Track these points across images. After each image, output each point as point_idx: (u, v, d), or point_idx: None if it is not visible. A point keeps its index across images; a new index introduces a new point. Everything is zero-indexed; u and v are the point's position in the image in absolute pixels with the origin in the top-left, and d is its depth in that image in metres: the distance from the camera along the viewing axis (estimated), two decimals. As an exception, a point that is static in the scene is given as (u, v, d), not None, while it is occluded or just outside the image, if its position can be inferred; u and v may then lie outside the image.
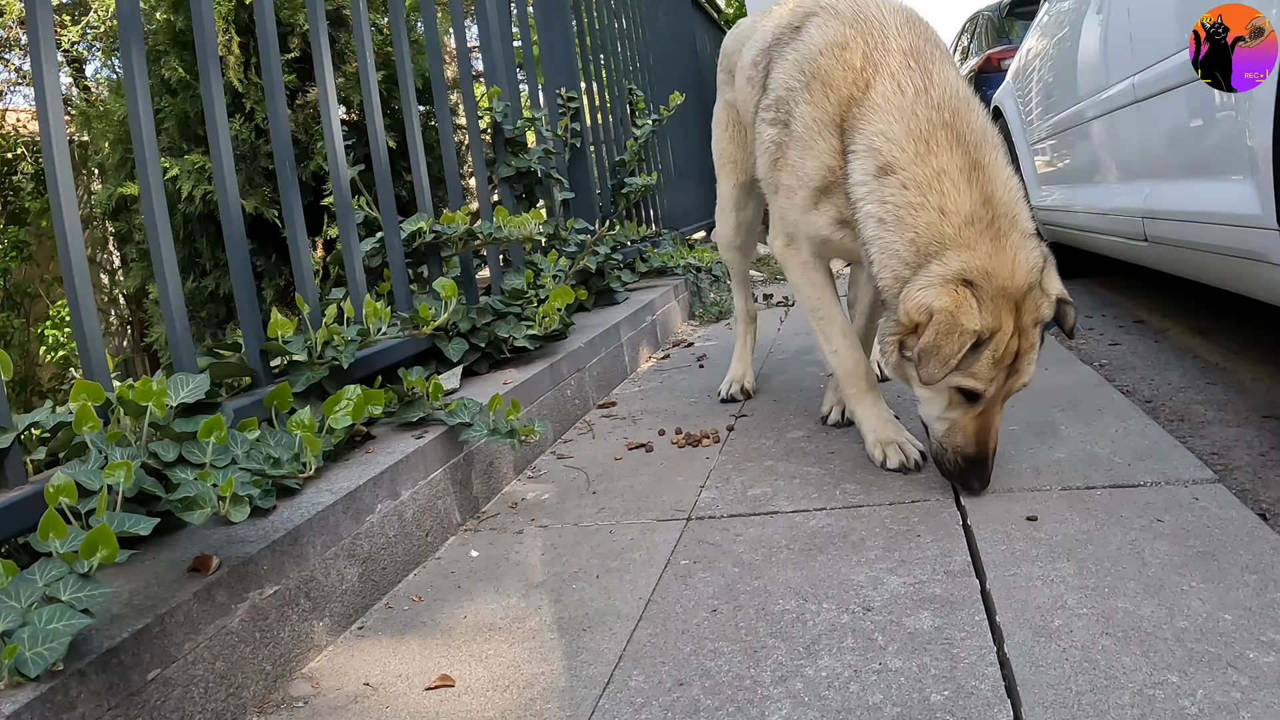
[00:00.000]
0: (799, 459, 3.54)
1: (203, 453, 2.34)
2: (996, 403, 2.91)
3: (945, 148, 2.87)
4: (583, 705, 2.07)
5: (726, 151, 4.63)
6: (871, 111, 2.99)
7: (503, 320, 4.24)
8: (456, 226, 4.13)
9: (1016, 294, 2.75)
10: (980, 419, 2.90)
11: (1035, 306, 2.80)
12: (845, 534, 2.79)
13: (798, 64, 3.26)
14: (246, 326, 3.13)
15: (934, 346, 2.71)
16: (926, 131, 2.89)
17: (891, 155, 2.91)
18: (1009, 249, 2.78)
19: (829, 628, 2.25)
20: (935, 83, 2.98)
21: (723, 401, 4.61)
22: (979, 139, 2.91)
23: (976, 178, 2.83)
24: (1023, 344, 2.80)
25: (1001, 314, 2.74)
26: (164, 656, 2.01)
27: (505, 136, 5.27)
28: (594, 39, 7.65)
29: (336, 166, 3.63)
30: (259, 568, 2.31)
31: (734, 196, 4.65)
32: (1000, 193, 2.85)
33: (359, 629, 2.59)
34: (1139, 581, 2.29)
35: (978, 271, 2.73)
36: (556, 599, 2.61)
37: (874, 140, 2.96)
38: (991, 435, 2.93)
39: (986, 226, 2.78)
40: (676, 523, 3.06)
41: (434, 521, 3.08)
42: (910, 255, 2.86)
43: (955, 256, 2.77)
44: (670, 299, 6.85)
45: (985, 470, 2.92)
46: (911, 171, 2.87)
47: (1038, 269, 2.82)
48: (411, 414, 3.27)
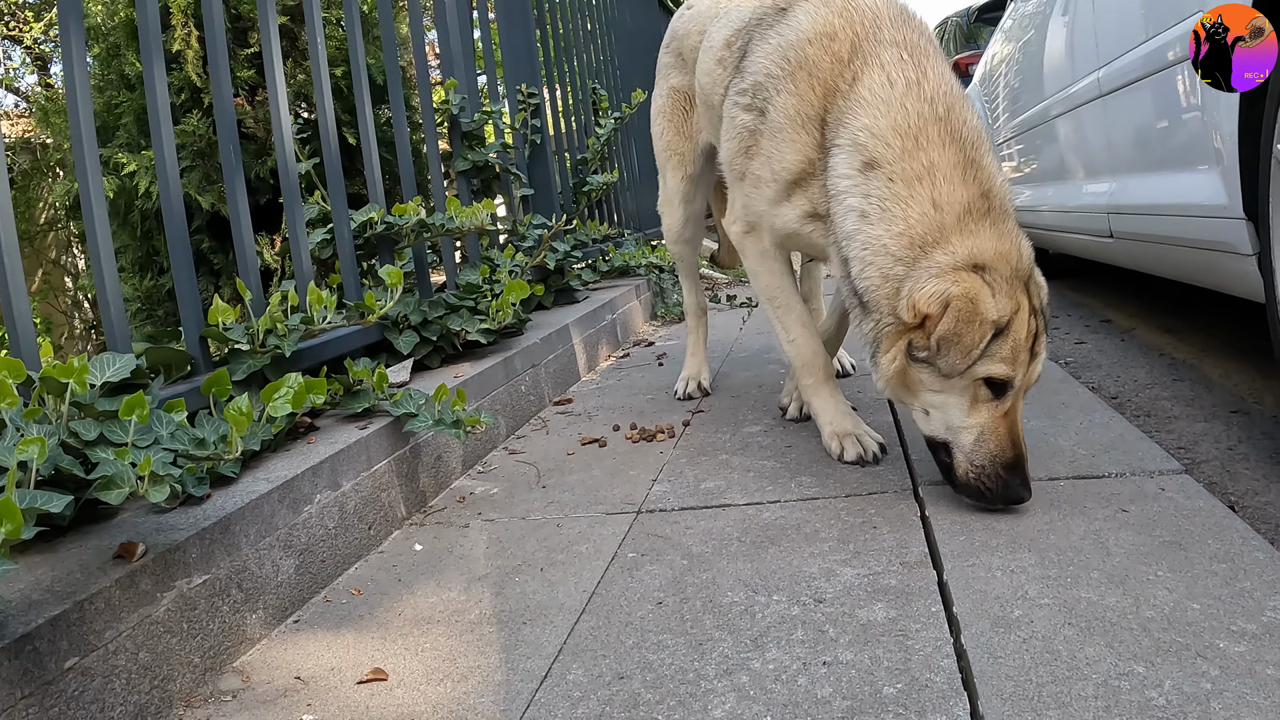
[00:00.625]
0: (755, 453, 3.46)
1: (124, 431, 2.25)
2: (1020, 398, 2.74)
3: (937, 143, 2.76)
4: (518, 699, 1.99)
5: (673, 144, 4.53)
6: (858, 105, 2.88)
7: (456, 314, 4.16)
8: (409, 218, 4.05)
9: (1025, 275, 2.67)
10: (1009, 417, 2.71)
11: (1039, 288, 2.73)
12: (799, 526, 2.72)
13: (781, 50, 3.13)
14: (186, 312, 3.04)
15: (954, 334, 2.58)
16: (917, 126, 2.78)
17: (877, 150, 2.80)
18: (1011, 234, 2.70)
19: (778, 620, 2.18)
20: (929, 77, 2.87)
21: (679, 400, 4.53)
22: (974, 137, 2.81)
23: (973, 174, 2.73)
24: (1038, 324, 2.69)
25: (1018, 295, 2.63)
26: (83, 645, 1.92)
27: (462, 130, 5.20)
28: (559, 40, 7.59)
29: (283, 150, 3.55)
30: (187, 556, 2.22)
31: (682, 190, 4.55)
32: (996, 189, 2.75)
33: (295, 622, 2.50)
34: (1103, 571, 2.23)
35: (991, 254, 2.64)
36: (498, 592, 2.53)
37: (859, 135, 2.85)
38: (1021, 434, 2.74)
39: (984, 216, 2.69)
40: (626, 516, 2.98)
41: (377, 514, 2.99)
42: (902, 249, 2.72)
43: (961, 243, 2.66)
44: (632, 298, 6.78)
45: (1026, 476, 2.68)
46: (899, 166, 2.76)
47: (1032, 258, 2.75)
48: (356, 405, 3.18)
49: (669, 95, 4.55)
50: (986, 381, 2.65)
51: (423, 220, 4.11)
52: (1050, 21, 5.82)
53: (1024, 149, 6.88)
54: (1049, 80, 5.90)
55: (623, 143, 9.01)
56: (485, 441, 3.83)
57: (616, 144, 8.65)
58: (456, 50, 5.37)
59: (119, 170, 7.73)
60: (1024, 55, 6.76)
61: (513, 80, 6.52)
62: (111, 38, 7.85)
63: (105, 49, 7.91)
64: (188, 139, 7.61)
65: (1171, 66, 3.53)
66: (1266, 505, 2.85)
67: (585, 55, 8.35)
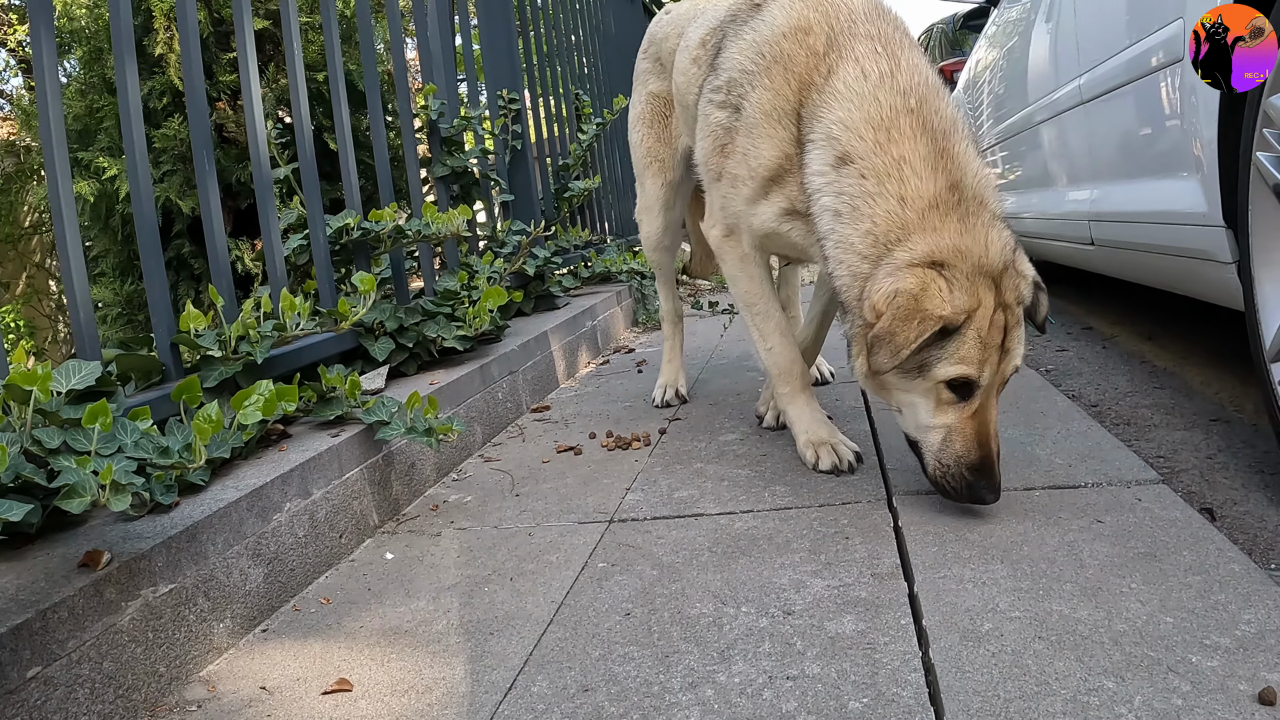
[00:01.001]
0: (730, 462, 3.45)
1: (87, 440, 2.23)
2: (991, 395, 2.69)
3: (909, 135, 2.72)
4: (481, 711, 1.97)
5: (652, 150, 4.48)
6: (832, 98, 2.84)
7: (432, 320, 4.14)
8: (385, 224, 4.02)
9: (993, 271, 2.59)
10: (977, 417, 2.67)
11: (1014, 286, 2.64)
12: (771, 536, 2.70)
13: (756, 45, 3.10)
14: (158, 318, 3.03)
15: (887, 333, 2.56)
16: (889, 119, 2.75)
17: (850, 144, 2.77)
18: (979, 227, 2.62)
19: (746, 632, 2.16)
20: (903, 69, 2.83)
21: (657, 407, 4.51)
22: (947, 127, 2.76)
23: (942, 165, 2.69)
24: (1009, 319, 2.62)
25: (980, 291, 2.57)
26: (46, 654, 1.89)
27: (441, 135, 5.17)
28: (542, 45, 7.57)
29: (257, 155, 3.53)
30: (153, 564, 2.19)
31: (662, 196, 4.49)
32: (968, 179, 2.70)
33: (263, 631, 2.48)
34: (1076, 583, 2.21)
35: (948, 250, 2.58)
36: (467, 602, 2.51)
37: (832, 129, 2.81)
38: (993, 434, 2.69)
39: (952, 209, 2.64)
40: (598, 525, 2.96)
41: (349, 523, 2.97)
42: (867, 248, 2.70)
43: (921, 240, 2.62)
44: (613, 305, 6.76)
45: (995, 477, 2.66)
46: (870, 161, 2.73)
47: (1010, 249, 2.66)
48: (329, 412, 3.16)
49: (647, 101, 4.51)
50: (948, 384, 2.64)
51: (399, 226, 4.09)
52: (1034, 28, 5.83)
53: (1008, 155, 6.89)
54: (1032, 87, 5.90)
55: (605, 148, 9.00)
56: (460, 449, 3.81)
57: (599, 150, 8.65)
58: (437, 55, 5.35)
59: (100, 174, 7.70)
60: (1008, 62, 6.77)
61: (494, 85, 6.50)
62: (95, 41, 7.81)
63: (88, 51, 7.88)
64: (169, 143, 7.58)
65: (1152, 74, 3.52)
66: (1245, 515, 2.83)
67: (569, 60, 8.33)
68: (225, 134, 7.83)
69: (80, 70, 7.97)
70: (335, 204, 5.88)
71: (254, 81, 3.56)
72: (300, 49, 3.86)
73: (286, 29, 3.85)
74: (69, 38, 7.85)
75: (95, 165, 7.67)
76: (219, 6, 7.75)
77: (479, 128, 5.69)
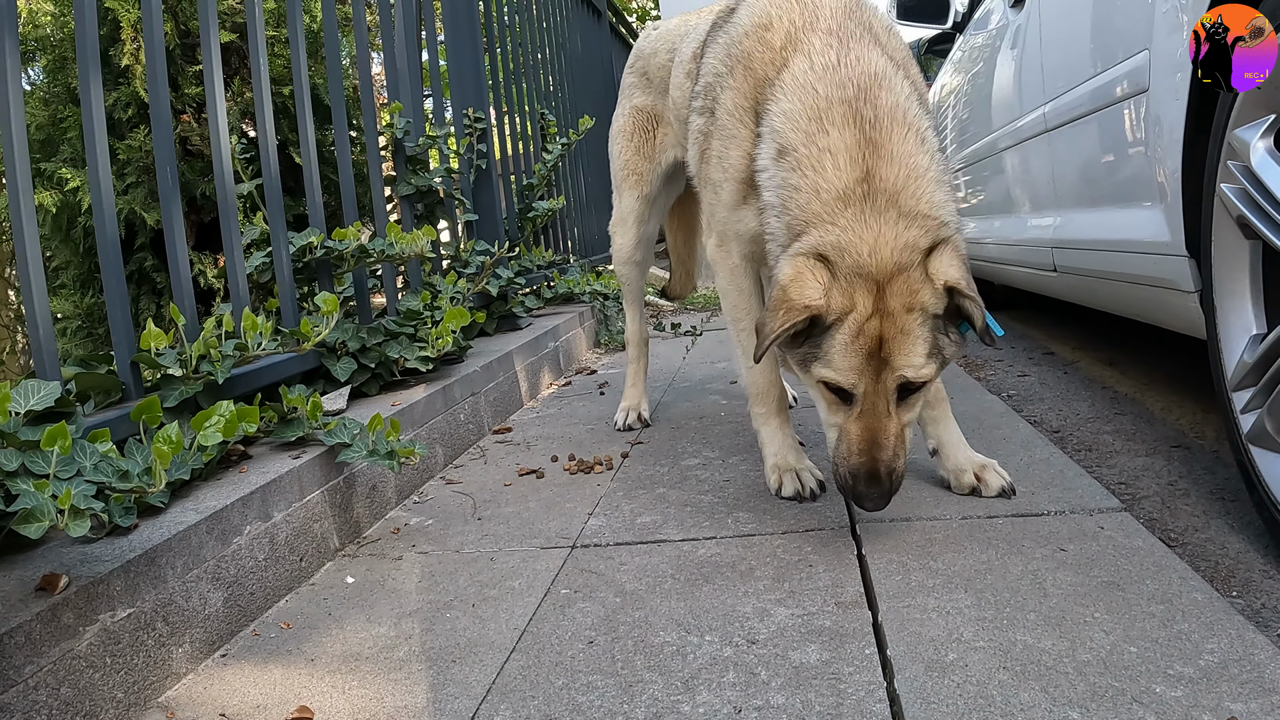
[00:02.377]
0: (693, 487, 3.44)
1: (46, 462, 2.20)
2: (880, 402, 2.58)
3: (838, 125, 2.66)
4: (444, 741, 1.95)
5: (631, 163, 4.50)
6: (780, 91, 2.81)
7: (395, 341, 4.12)
8: (349, 243, 4.00)
9: (878, 273, 2.48)
10: (863, 422, 2.60)
11: (909, 291, 2.50)
12: (734, 563, 2.69)
13: (725, 47, 3.11)
14: (118, 336, 2.99)
15: (762, 321, 2.56)
16: (823, 109, 2.69)
17: (787, 136, 2.74)
18: (875, 225, 2.52)
19: (710, 661, 2.15)
20: (848, 60, 2.76)
21: (619, 430, 4.51)
22: (882, 117, 2.66)
23: (862, 155, 2.60)
24: (887, 329, 2.49)
25: (856, 294, 2.49)
26: (2, 680, 1.87)
27: (406, 154, 5.14)
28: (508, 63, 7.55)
29: (221, 173, 3.50)
30: (111, 588, 2.16)
31: (636, 210, 4.52)
32: (887, 170, 2.59)
33: (222, 656, 2.45)
34: (1040, 613, 2.22)
35: (830, 246, 2.53)
36: (429, 628, 2.49)
37: (775, 121, 2.79)
38: (883, 444, 2.60)
39: (858, 203, 2.56)
40: (561, 550, 2.94)
41: (310, 546, 2.95)
42: (787, 240, 2.69)
43: (814, 232, 2.58)
44: (575, 326, 6.76)
45: (878, 484, 2.59)
46: (801, 152, 2.68)
47: (915, 249, 2.52)
48: (290, 433, 3.14)
49: (631, 115, 4.54)
50: (825, 385, 2.63)
51: (363, 246, 4.07)
52: (999, 55, 5.86)
53: (971, 180, 6.92)
54: (996, 113, 5.93)
55: (570, 169, 9.00)
56: (422, 471, 3.78)
57: (564, 170, 8.64)
58: (403, 72, 5.33)
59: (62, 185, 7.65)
60: (972, 88, 6.80)
61: (460, 103, 6.48)
62: (60, 49, 7.76)
63: (53, 60, 7.83)
64: (134, 154, 7.54)
65: (1118, 103, 3.54)
66: (1206, 542, 2.85)
67: (534, 78, 8.31)
68: (189, 147, 7.79)
69: (44, 79, 7.91)
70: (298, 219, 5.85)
71: (220, 103, 3.52)
72: (266, 65, 3.83)
73: (253, 42, 3.83)
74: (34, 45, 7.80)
75: (58, 176, 7.61)
76: (186, 19, 7.71)
77: (444, 146, 5.68)
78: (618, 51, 12.32)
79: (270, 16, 7.58)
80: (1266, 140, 2.54)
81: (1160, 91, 3.13)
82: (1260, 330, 2.71)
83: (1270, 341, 2.58)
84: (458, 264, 5.61)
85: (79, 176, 7.58)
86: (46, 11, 7.77)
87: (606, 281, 7.58)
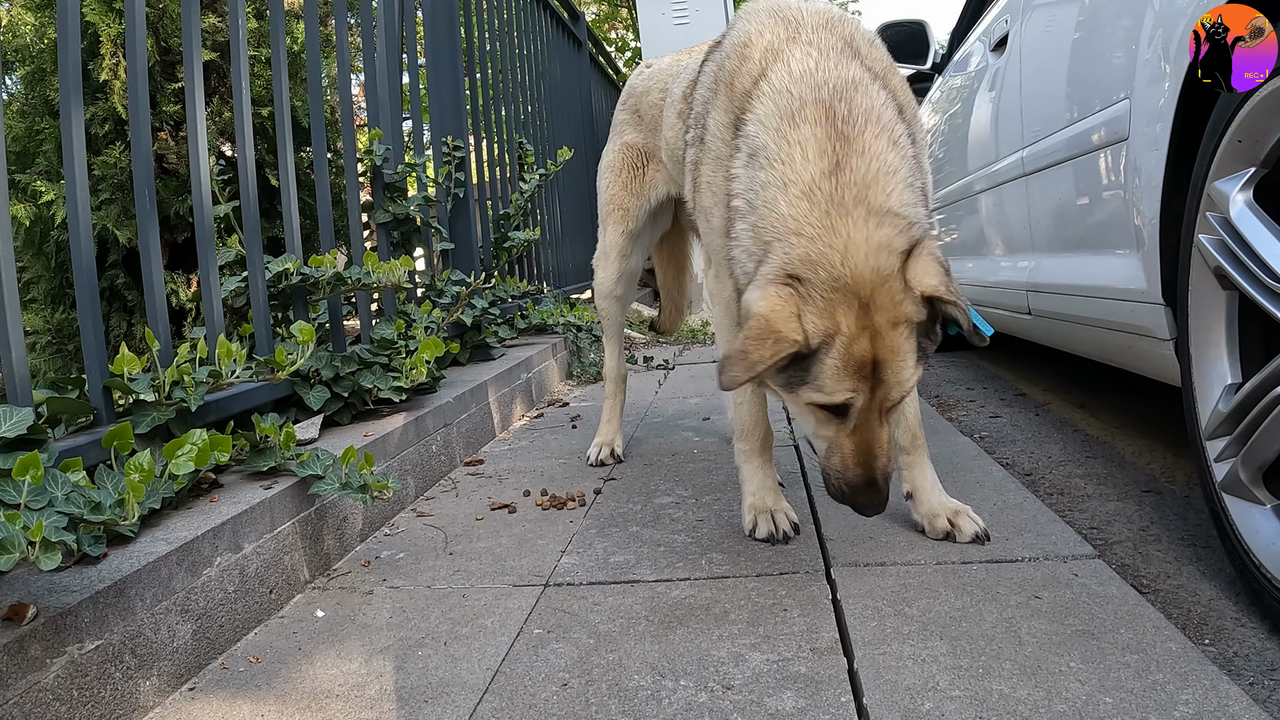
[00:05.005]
0: (666, 526, 3.42)
1: (17, 492, 2.17)
2: (873, 416, 2.52)
3: (809, 121, 2.55)
4: (415, 785, 1.93)
5: (617, 198, 4.51)
6: (756, 100, 2.70)
7: (368, 370, 4.09)
8: (325, 270, 3.97)
9: (858, 286, 2.35)
10: (857, 437, 2.54)
11: (892, 304, 2.37)
12: (708, 606, 2.67)
13: (713, 74, 3.03)
14: (90, 360, 2.96)
15: (739, 353, 2.36)
16: (796, 109, 2.58)
17: (760, 138, 2.63)
18: (844, 229, 2.38)
19: (685, 707, 2.13)
20: (825, 67, 2.66)
21: (591, 465, 4.50)
22: (856, 116, 2.55)
23: (833, 148, 2.48)
24: (879, 348, 2.39)
25: (837, 313, 2.36)
26: (-35, 714, 1.84)
27: (385, 181, 5.13)
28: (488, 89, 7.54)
29: (200, 196, 3.48)
30: (79, 620, 2.14)
31: (619, 244, 4.54)
32: (857, 162, 2.47)
33: (190, 690, 2.42)
34: (1015, 661, 2.21)
35: (800, 261, 2.39)
36: (400, 666, 2.46)
37: (749, 128, 2.69)
38: (877, 454, 2.55)
39: (824, 201, 2.42)
40: (533, 589, 2.92)
41: (279, 578, 2.92)
42: (754, 246, 2.56)
43: (782, 247, 2.44)
44: (548, 357, 6.74)
45: (877, 493, 2.57)
46: (770, 149, 2.57)
47: (892, 253, 2.39)
48: (262, 463, 3.11)
49: (621, 151, 4.55)
50: (820, 405, 2.53)
51: (339, 274, 4.04)
52: (978, 97, 5.89)
53: (947, 221, 6.94)
54: (973, 155, 5.95)
55: (546, 199, 9.01)
56: (393, 503, 3.76)
57: (540, 200, 8.64)
58: (383, 99, 5.31)
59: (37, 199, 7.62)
60: (949, 128, 6.83)
61: (439, 129, 6.47)
62: (39, 61, 7.74)
63: (32, 71, 7.81)
64: (108, 170, 7.52)
65: (1097, 150, 3.56)
66: (1178, 589, 2.86)
67: (513, 106, 8.31)
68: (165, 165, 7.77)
69: (22, 89, 7.88)
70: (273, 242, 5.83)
71: (201, 124, 3.51)
72: (249, 86, 3.82)
73: (235, 62, 3.81)
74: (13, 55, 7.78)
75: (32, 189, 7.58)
76: (166, 35, 7.69)
77: (422, 174, 5.67)
78: (597, 81, 12.35)
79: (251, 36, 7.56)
80: (1246, 193, 2.56)
81: (1140, 140, 3.15)
82: (1235, 380, 2.73)
83: (1245, 392, 2.59)
84: (433, 293, 5.59)
85: (54, 190, 7.56)
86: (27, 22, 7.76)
87: (580, 313, 7.57)
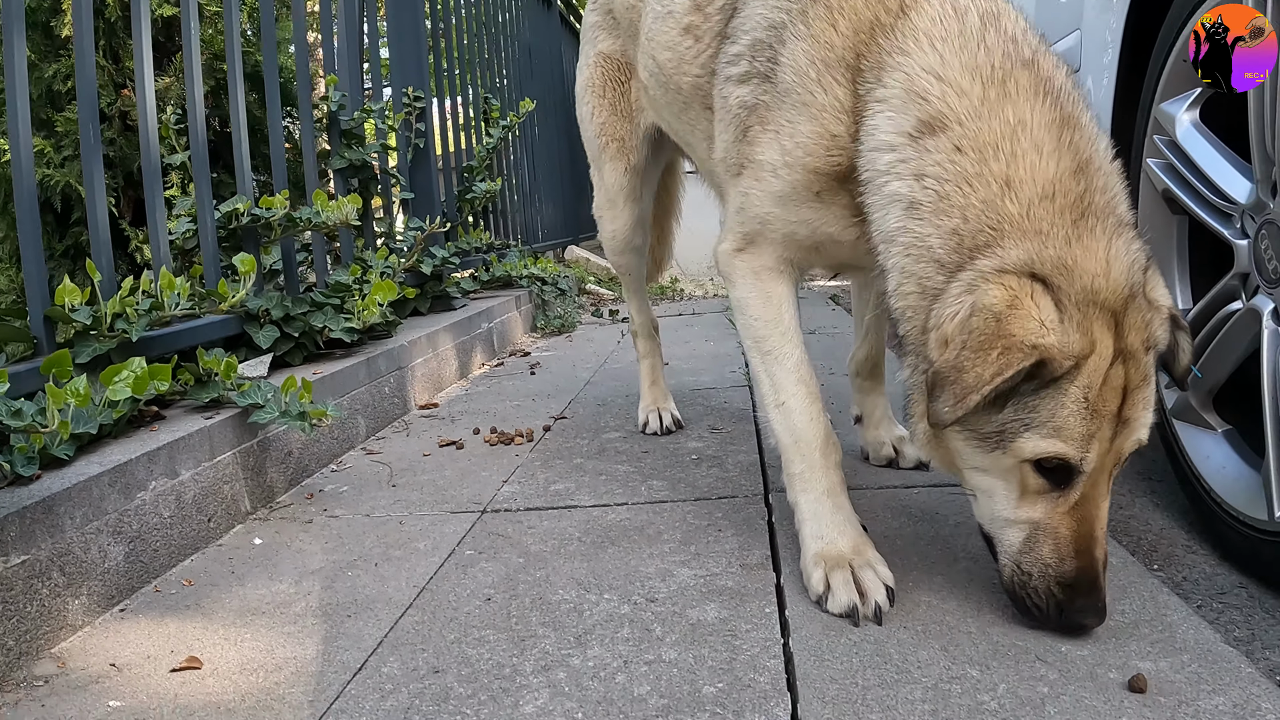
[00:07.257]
0: (610, 458, 3.43)
1: (-64, 402, 2.16)
2: (1102, 482, 1.96)
3: (1027, 94, 1.98)
4: (329, 689, 1.93)
5: (608, 126, 3.67)
6: (912, 41, 2.07)
7: (320, 311, 4.07)
8: (275, 211, 3.95)
9: (1114, 301, 1.86)
10: (1078, 514, 1.95)
11: (1143, 322, 1.89)
12: (642, 528, 2.69)
13: None
14: (32, 290, 2.94)
15: (952, 367, 1.84)
16: (1002, 70, 2.00)
17: (946, 104, 2.00)
18: (1100, 235, 1.89)
19: (606, 618, 2.14)
20: (1009, 12, 2.12)
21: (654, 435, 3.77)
22: (1071, 90, 2.04)
23: (1069, 139, 1.95)
24: (1132, 376, 1.88)
25: (1094, 329, 1.83)
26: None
27: (341, 128, 5.10)
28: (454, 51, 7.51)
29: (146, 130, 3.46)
30: (5, 535, 2.13)
31: (626, 185, 3.69)
32: (1101, 161, 1.97)
33: (121, 610, 2.42)
34: (947, 577, 2.24)
35: (1053, 264, 1.85)
36: (329, 585, 2.47)
37: (917, 80, 2.04)
38: (1099, 536, 1.96)
39: (1072, 205, 1.90)
40: (470, 515, 2.93)
41: (219, 506, 2.91)
42: (948, 253, 1.96)
43: (1016, 245, 1.88)
44: (512, 309, 6.73)
45: (1098, 595, 1.93)
46: (971, 127, 1.97)
47: (1139, 268, 1.92)
48: (204, 395, 3.10)
49: (597, 64, 3.73)
50: (1037, 464, 1.92)
51: (290, 214, 4.02)
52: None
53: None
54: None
55: (516, 156, 8.99)
56: (342, 441, 3.75)
57: (511, 158, 8.62)
58: (341, 46, 5.29)
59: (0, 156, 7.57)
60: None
61: (399, 83, 6.44)
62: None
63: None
64: (72, 127, 7.45)
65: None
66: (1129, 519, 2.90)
67: (479, 63, 8.27)
68: (129, 122, 7.71)
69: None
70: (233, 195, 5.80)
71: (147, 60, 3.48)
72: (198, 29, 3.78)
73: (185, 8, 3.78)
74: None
75: (-8, 146, 7.55)
76: (129, -11, 7.65)
77: (381, 121, 5.64)
78: (567, 42, 12.28)
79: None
80: (1192, 113, 2.58)
81: (1090, 70, 3.15)
82: (1185, 306, 2.74)
83: (1193, 315, 2.61)
84: (390, 240, 5.57)
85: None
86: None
87: (544, 266, 7.55)
